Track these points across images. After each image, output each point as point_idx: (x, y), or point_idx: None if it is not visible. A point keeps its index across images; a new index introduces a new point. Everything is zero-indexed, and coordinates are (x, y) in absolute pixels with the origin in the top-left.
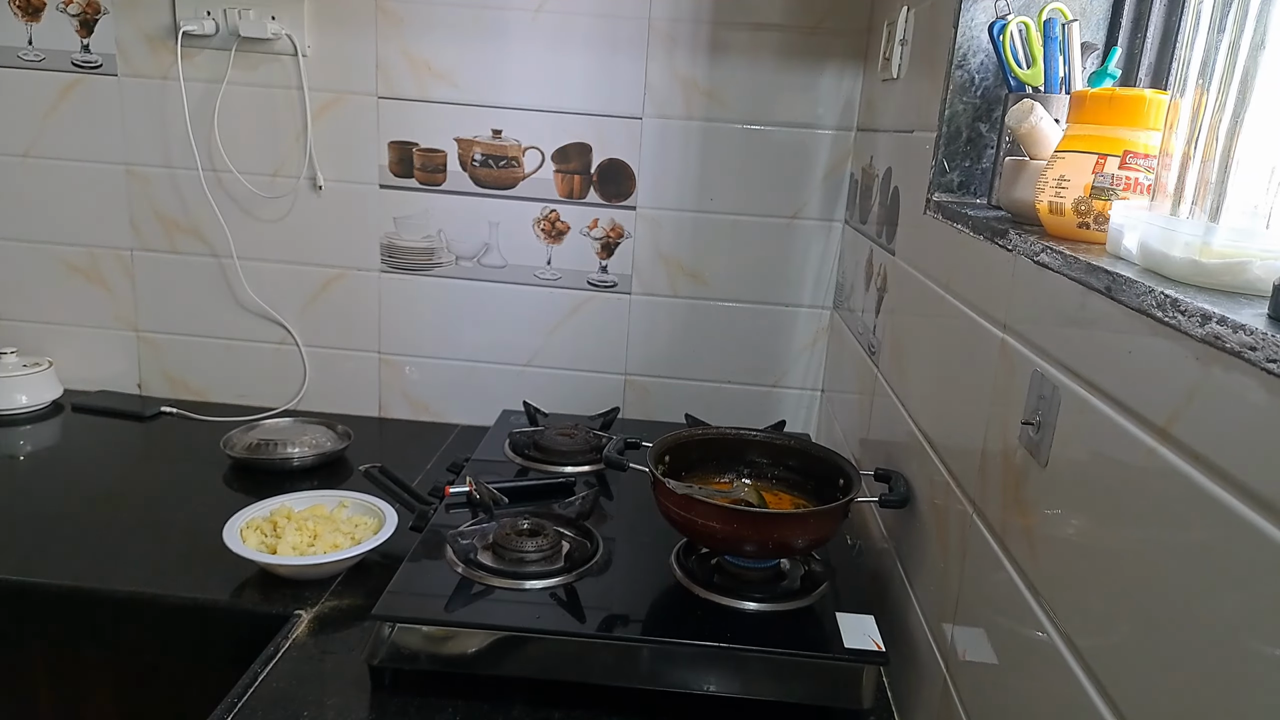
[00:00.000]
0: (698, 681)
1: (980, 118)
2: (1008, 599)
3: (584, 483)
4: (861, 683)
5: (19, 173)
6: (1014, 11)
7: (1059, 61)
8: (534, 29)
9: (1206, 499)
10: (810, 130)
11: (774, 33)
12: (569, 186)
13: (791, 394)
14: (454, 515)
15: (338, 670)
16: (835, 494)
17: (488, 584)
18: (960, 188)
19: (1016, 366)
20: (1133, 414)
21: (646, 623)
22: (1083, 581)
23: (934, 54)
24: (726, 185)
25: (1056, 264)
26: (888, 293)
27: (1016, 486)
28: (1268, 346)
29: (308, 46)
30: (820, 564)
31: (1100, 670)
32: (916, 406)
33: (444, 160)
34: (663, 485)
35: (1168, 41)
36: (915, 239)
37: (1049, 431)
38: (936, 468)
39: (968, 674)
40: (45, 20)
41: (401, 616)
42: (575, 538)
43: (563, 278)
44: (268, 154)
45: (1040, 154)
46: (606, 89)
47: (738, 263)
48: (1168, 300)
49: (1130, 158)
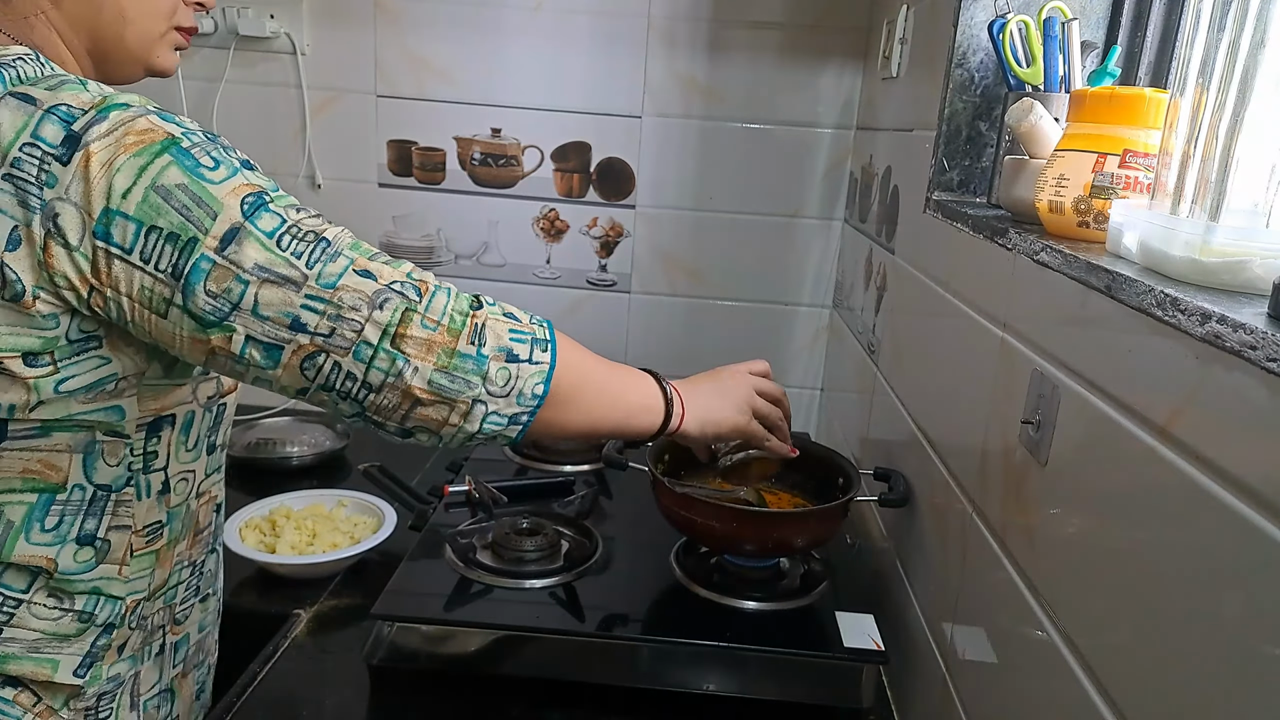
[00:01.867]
0: (697, 681)
1: (980, 116)
2: (1007, 598)
3: (583, 482)
4: (861, 682)
5: None
6: (1014, 10)
7: (1059, 60)
8: (533, 27)
9: (1206, 498)
10: (810, 129)
11: (774, 31)
12: (568, 185)
13: (791, 393)
14: (453, 514)
15: (337, 670)
16: (835, 493)
17: (487, 583)
18: (960, 186)
19: (1016, 365)
20: (1133, 413)
21: (646, 622)
22: (1082, 580)
23: (934, 52)
24: (726, 184)
25: (1056, 263)
26: (887, 291)
27: (1016, 485)
28: (1268, 345)
29: (306, 45)
30: (820, 563)
31: (1100, 669)
32: (916, 405)
33: (443, 159)
34: (662, 484)
35: (1167, 40)
36: (915, 238)
37: (1049, 430)
38: (936, 467)
39: (967, 673)
40: None
41: (401, 616)
42: (574, 537)
43: (562, 276)
44: (266, 152)
45: (1040, 153)
46: (606, 87)
47: (737, 261)
48: (1167, 299)
49: (1130, 156)
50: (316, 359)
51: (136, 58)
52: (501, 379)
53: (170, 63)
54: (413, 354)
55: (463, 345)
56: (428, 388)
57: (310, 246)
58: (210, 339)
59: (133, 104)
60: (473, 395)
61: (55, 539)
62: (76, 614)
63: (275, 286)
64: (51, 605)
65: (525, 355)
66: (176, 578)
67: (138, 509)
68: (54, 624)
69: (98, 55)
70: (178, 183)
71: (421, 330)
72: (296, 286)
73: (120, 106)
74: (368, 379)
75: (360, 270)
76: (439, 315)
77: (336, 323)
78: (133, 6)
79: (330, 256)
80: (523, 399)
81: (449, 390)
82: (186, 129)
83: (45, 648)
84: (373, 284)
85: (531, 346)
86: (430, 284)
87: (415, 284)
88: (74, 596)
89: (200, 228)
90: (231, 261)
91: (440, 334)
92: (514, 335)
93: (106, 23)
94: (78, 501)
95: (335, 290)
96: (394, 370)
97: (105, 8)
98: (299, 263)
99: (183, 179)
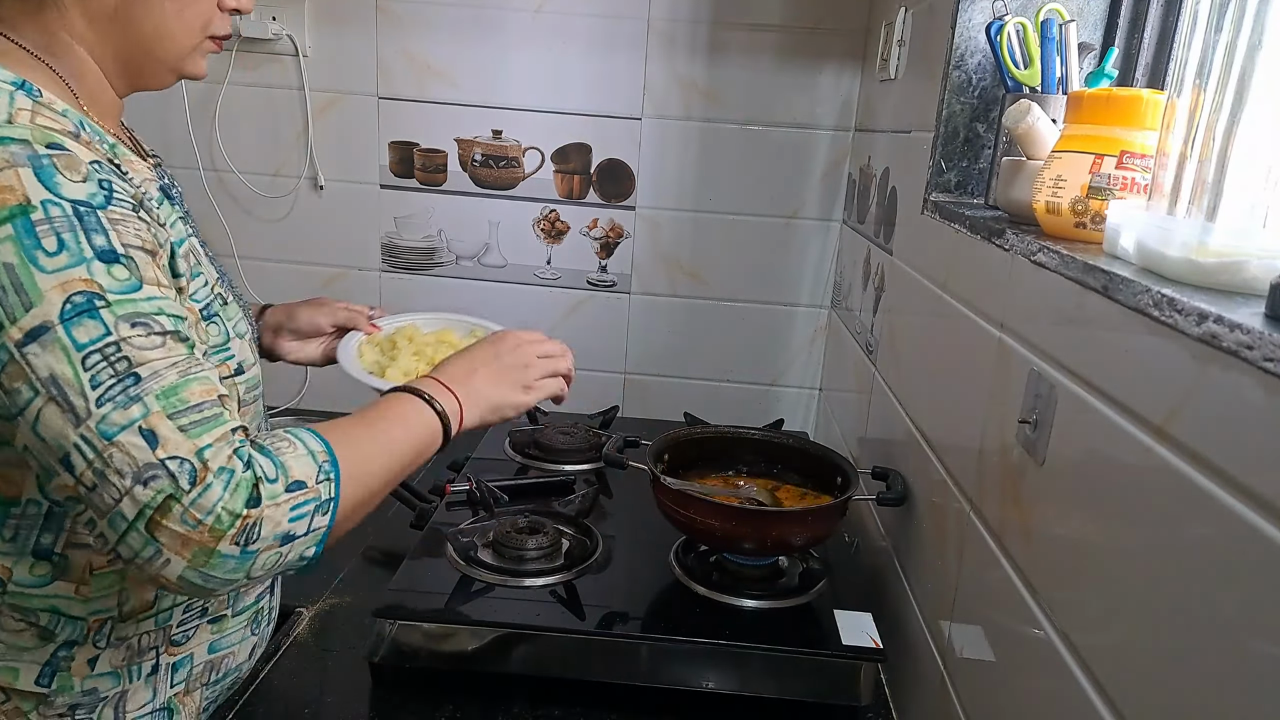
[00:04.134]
0: (696, 678)
1: (978, 118)
2: (1005, 596)
3: (584, 481)
4: (859, 679)
5: None
6: (1011, 12)
7: (1056, 62)
8: (534, 29)
9: (1203, 497)
10: (808, 130)
11: (773, 33)
12: (569, 186)
13: (790, 393)
14: (454, 513)
15: (338, 668)
16: (833, 492)
17: (488, 581)
18: (958, 188)
19: (1014, 365)
20: (1130, 413)
21: (646, 620)
22: (1079, 579)
23: (932, 54)
24: (725, 185)
25: (1053, 263)
26: (885, 292)
27: (1014, 485)
28: (1264, 345)
29: (308, 47)
30: (818, 561)
31: (1097, 667)
32: (914, 405)
33: (444, 160)
34: (662, 483)
35: (1165, 41)
36: (913, 239)
37: (1046, 430)
38: (934, 466)
39: (965, 671)
40: None
41: (402, 614)
42: (575, 535)
43: (562, 277)
44: (268, 154)
45: (1037, 154)
46: (606, 89)
47: (736, 262)
48: (1164, 299)
49: (1127, 157)
50: (79, 504)
51: (171, 67)
52: (270, 562)
53: (202, 69)
54: (166, 545)
55: (225, 546)
56: (177, 582)
57: (113, 380)
58: (7, 425)
59: (15, 145)
60: (230, 587)
61: (12, 549)
62: (38, 630)
63: (59, 410)
64: (17, 618)
65: (304, 529)
66: (170, 601)
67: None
68: (15, 636)
69: (131, 67)
70: (5, 261)
71: (180, 525)
72: (76, 421)
73: (2, 142)
74: (119, 549)
75: (146, 430)
76: (203, 513)
77: (100, 480)
78: (168, 22)
79: (127, 400)
80: (289, 566)
81: (201, 588)
82: (53, 198)
83: (6, 655)
84: (147, 454)
85: (313, 515)
86: (211, 470)
87: (194, 468)
88: (36, 614)
89: (9, 316)
90: (28, 363)
91: (200, 533)
92: (295, 513)
93: (143, 38)
94: (33, 515)
95: (109, 443)
96: (145, 554)
97: (144, 24)
98: (91, 394)
99: (12, 258)
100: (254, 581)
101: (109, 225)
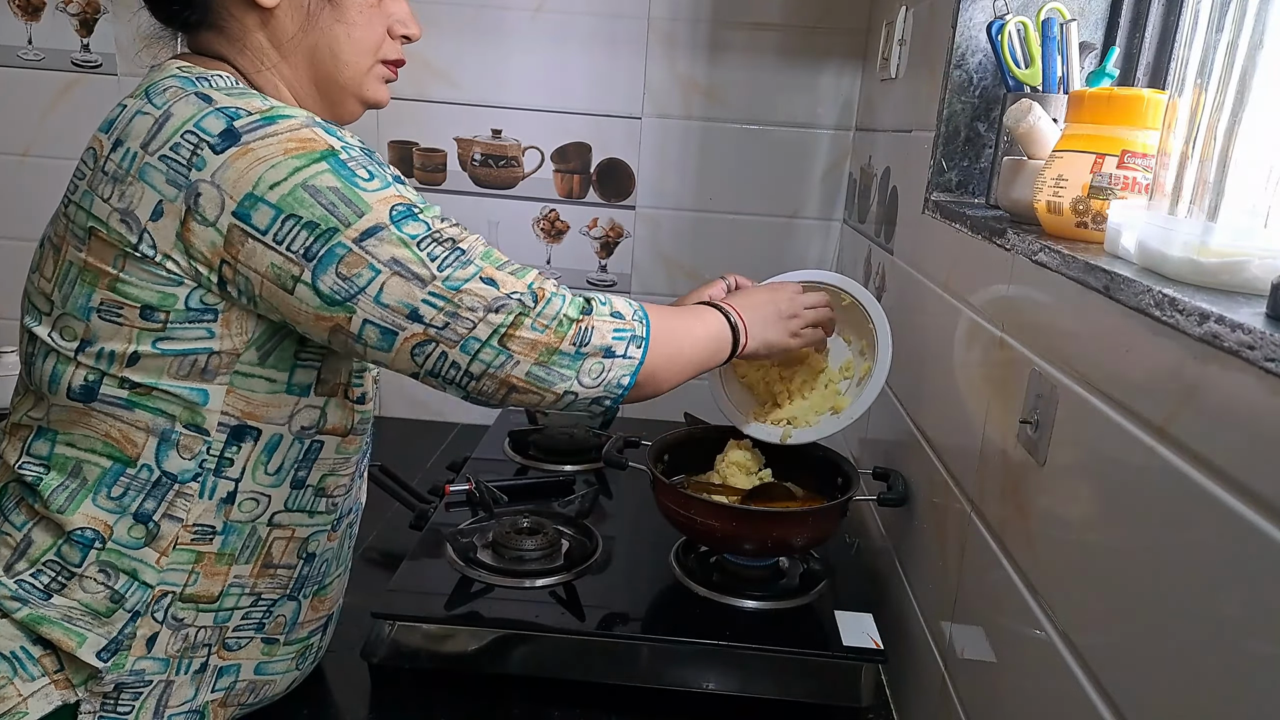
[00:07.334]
0: (697, 679)
1: (978, 117)
2: (1006, 597)
3: (583, 481)
4: (860, 680)
5: (18, 172)
6: (1012, 11)
7: (1057, 61)
8: (533, 28)
9: (1204, 497)
10: (809, 130)
11: (773, 32)
12: (568, 186)
13: None
14: (454, 514)
15: (338, 668)
16: (834, 492)
17: (487, 582)
18: (958, 187)
19: (1014, 365)
20: (1131, 413)
21: (646, 621)
22: (1080, 580)
23: (932, 54)
24: (725, 185)
25: (1054, 263)
26: (886, 291)
27: (1015, 485)
28: (1266, 345)
29: None
30: (819, 562)
31: (1098, 668)
32: (915, 405)
33: (444, 160)
34: (662, 484)
35: (1166, 41)
36: (913, 238)
37: (1047, 430)
38: (935, 466)
39: (966, 672)
40: (45, 20)
41: (401, 615)
42: (575, 536)
43: (563, 277)
44: None
45: (1038, 153)
46: (606, 88)
47: (736, 262)
48: (1166, 299)
49: (1128, 157)
50: (426, 347)
51: (351, 93)
52: (595, 371)
53: (383, 95)
54: (516, 350)
55: (565, 345)
56: (525, 378)
57: (446, 252)
58: (333, 317)
59: (299, 116)
60: (565, 387)
61: (116, 508)
62: (111, 592)
63: (403, 280)
64: (101, 581)
65: (621, 351)
66: (233, 601)
67: (195, 506)
68: (92, 597)
69: (325, 97)
70: (330, 185)
71: (530, 332)
72: (423, 283)
73: (287, 117)
74: (470, 369)
75: (486, 278)
76: (549, 320)
77: (452, 319)
78: (340, 45)
79: (462, 263)
80: (609, 387)
81: (544, 381)
82: (346, 144)
83: (79, 619)
84: (493, 291)
85: (629, 343)
86: (548, 292)
87: (534, 292)
88: (118, 574)
89: (343, 221)
90: (368, 252)
91: (547, 335)
92: (616, 334)
93: (321, 62)
94: (144, 480)
95: (458, 292)
96: (495, 363)
97: (318, 50)
98: (432, 264)
99: (335, 183)
100: (583, 392)
101: (385, 163)
